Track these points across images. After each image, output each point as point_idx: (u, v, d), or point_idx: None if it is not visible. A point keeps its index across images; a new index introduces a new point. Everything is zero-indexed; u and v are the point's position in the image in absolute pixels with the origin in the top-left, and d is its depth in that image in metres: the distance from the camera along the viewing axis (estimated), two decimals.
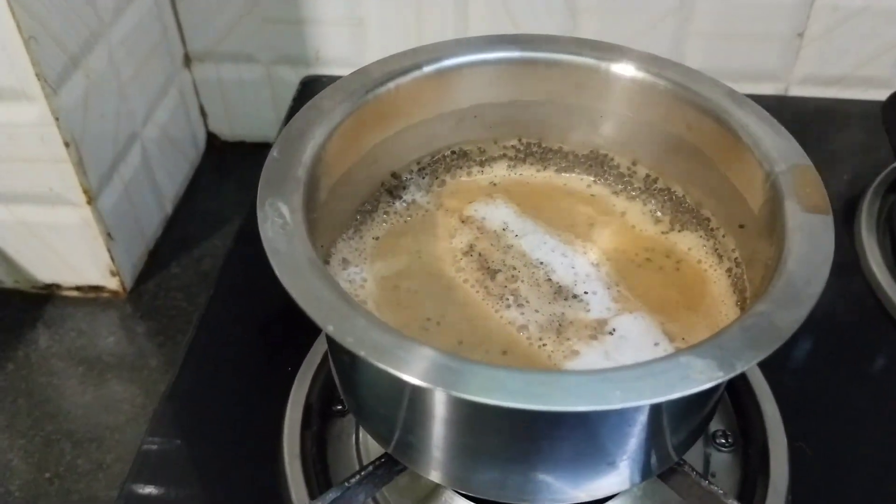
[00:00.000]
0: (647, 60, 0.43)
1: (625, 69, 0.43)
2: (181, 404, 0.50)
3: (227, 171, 0.82)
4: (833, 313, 0.54)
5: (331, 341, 0.36)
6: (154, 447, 0.48)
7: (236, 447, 0.47)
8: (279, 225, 0.33)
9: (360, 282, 0.41)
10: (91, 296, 0.69)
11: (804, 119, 0.70)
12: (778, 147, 0.38)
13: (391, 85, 0.42)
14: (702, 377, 0.28)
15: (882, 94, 0.68)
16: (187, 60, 0.78)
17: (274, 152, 0.37)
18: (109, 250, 0.66)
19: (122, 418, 0.62)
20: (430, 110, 0.44)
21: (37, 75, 0.55)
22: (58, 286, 0.69)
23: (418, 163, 0.46)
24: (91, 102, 0.61)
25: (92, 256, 0.66)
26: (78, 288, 0.69)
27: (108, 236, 0.66)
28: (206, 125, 0.83)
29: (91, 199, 0.63)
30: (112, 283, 0.69)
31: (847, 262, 0.58)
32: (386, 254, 0.43)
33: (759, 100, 0.72)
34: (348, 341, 0.29)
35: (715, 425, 0.47)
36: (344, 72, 0.75)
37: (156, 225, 0.74)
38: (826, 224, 0.34)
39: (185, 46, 0.77)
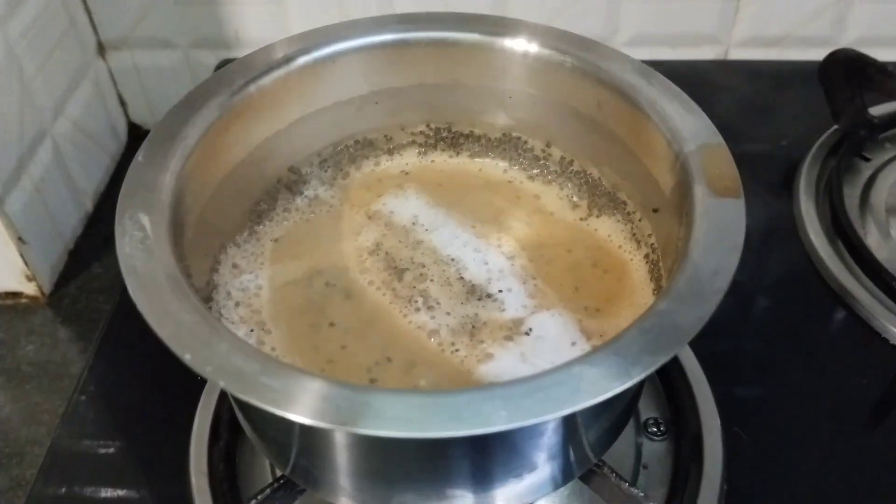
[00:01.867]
0: (549, 35, 0.40)
1: (525, 45, 0.40)
2: (87, 410, 0.47)
3: None
4: (770, 283, 0.52)
5: None
6: (61, 451, 0.46)
7: (142, 458, 0.45)
8: (138, 239, 0.30)
9: (254, 289, 0.38)
10: (9, 302, 0.66)
11: (743, 83, 0.67)
12: (688, 125, 0.35)
13: (276, 74, 0.38)
14: (594, 389, 0.26)
15: (822, 54, 0.65)
16: (101, 49, 0.74)
17: (139, 157, 0.34)
18: (22, 255, 0.62)
19: (42, 430, 0.59)
20: (324, 98, 0.40)
21: None
22: None
23: (319, 155, 0.43)
24: None
25: (5, 261, 0.63)
26: None
27: (20, 240, 0.62)
28: (126, 115, 0.79)
29: None
30: (29, 289, 0.65)
31: (785, 227, 0.56)
32: (285, 257, 0.40)
33: (698, 65, 0.71)
34: (207, 371, 0.27)
35: (647, 413, 0.45)
36: None
37: (75, 224, 0.70)
38: (737, 209, 0.32)
39: (97, 35, 0.73)
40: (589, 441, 0.35)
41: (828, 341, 0.49)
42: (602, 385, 0.26)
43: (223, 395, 0.45)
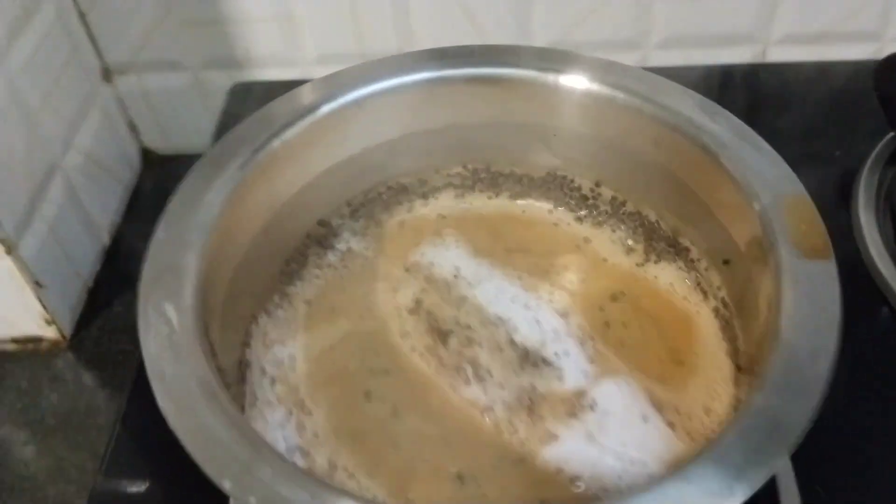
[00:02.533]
0: (601, 68, 0.36)
1: (576, 80, 0.36)
2: (113, 482, 0.44)
3: (167, 190, 0.75)
4: None
5: None
6: None
7: None
8: (164, 335, 0.27)
9: (289, 363, 0.35)
10: (30, 347, 0.64)
11: (786, 87, 0.63)
12: (762, 169, 0.32)
13: (301, 125, 0.35)
14: None
15: (868, 50, 0.61)
16: (107, 74, 0.71)
17: (159, 232, 0.30)
18: (40, 299, 0.60)
19: (71, 488, 0.56)
20: (352, 145, 0.37)
21: None
22: None
23: (349, 204, 0.40)
24: None
25: (23, 307, 0.60)
26: (14, 340, 0.63)
27: (37, 284, 0.59)
28: (138, 140, 0.76)
29: (10, 249, 0.56)
30: (49, 332, 0.63)
31: (844, 245, 0.52)
32: (319, 321, 0.37)
33: (736, 69, 0.67)
34: (251, 502, 0.23)
35: None
36: (281, 72, 0.69)
37: (92, 260, 0.68)
38: (829, 275, 0.28)
39: (101, 59, 0.70)
40: None
41: (892, 363, 0.45)
42: None
43: None
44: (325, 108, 0.35)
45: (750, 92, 0.63)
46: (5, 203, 0.56)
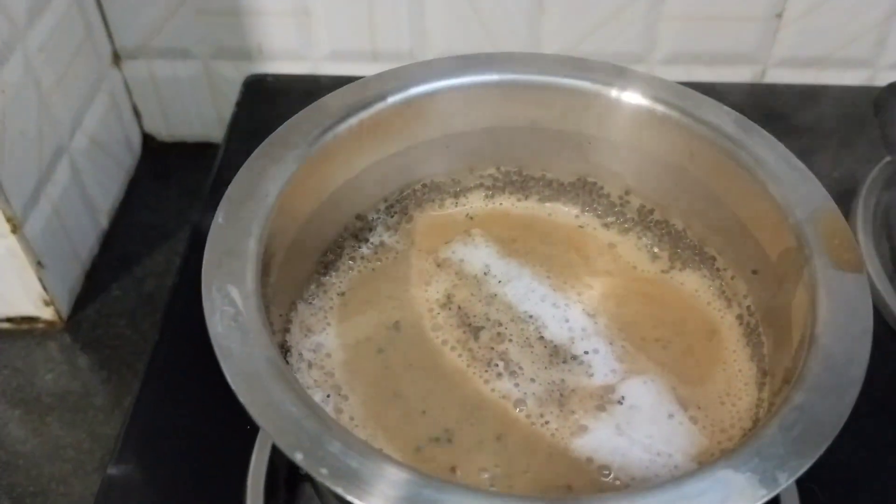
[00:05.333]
0: (641, 81, 0.38)
1: (616, 92, 0.38)
2: (130, 467, 0.45)
3: (166, 176, 0.76)
4: None
5: None
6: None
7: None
8: (230, 316, 0.28)
9: (325, 350, 0.36)
10: (25, 327, 0.63)
11: (784, 108, 0.66)
12: (796, 185, 0.34)
13: (353, 121, 0.36)
14: (743, 498, 0.24)
15: (862, 77, 0.64)
16: (116, 58, 0.71)
17: (219, 217, 0.31)
18: (41, 279, 0.60)
19: (67, 467, 0.56)
20: (397, 143, 0.38)
21: None
22: None
23: (385, 200, 0.41)
24: (9, 121, 0.54)
25: (22, 286, 0.60)
26: (9, 319, 0.63)
27: (39, 265, 0.59)
28: (140, 126, 0.76)
29: (16, 228, 0.56)
30: (46, 313, 0.62)
31: None
32: (353, 312, 0.38)
33: (736, 88, 0.69)
34: (322, 473, 0.24)
35: None
36: (291, 66, 0.70)
37: (91, 243, 0.68)
38: (860, 285, 0.30)
39: (112, 43, 0.70)
40: None
41: (891, 384, 0.48)
42: (749, 493, 0.24)
43: (278, 448, 0.43)
44: (377, 107, 0.36)
45: (749, 111, 0.65)
46: (16, 182, 0.56)
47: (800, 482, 0.41)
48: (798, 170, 0.34)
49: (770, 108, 0.67)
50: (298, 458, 0.25)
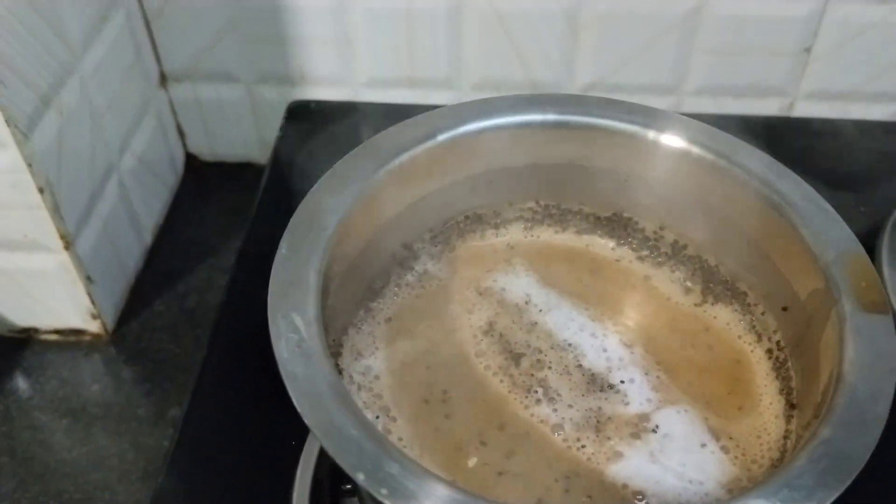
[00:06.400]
0: (679, 124, 0.40)
1: (659, 135, 0.40)
2: (176, 484, 0.47)
3: (208, 194, 0.78)
4: None
5: None
6: None
7: None
8: (294, 342, 0.30)
9: (374, 373, 0.38)
10: (72, 339, 0.66)
11: (813, 141, 0.67)
12: (825, 228, 0.35)
13: (404, 157, 0.38)
14: None
15: (890, 111, 0.65)
16: (163, 80, 0.73)
17: (283, 248, 0.33)
18: (90, 294, 0.62)
19: (112, 476, 0.58)
20: (444, 179, 0.40)
21: (6, 121, 0.51)
22: (36, 330, 0.65)
23: (430, 230, 0.43)
24: (65, 141, 0.57)
25: (71, 300, 0.62)
26: (57, 332, 0.65)
27: (88, 279, 0.62)
28: (184, 146, 0.78)
29: (69, 244, 0.59)
30: (93, 326, 0.65)
31: None
32: (399, 337, 0.40)
33: (765, 122, 0.71)
34: (383, 493, 0.26)
35: None
36: (331, 92, 0.72)
37: (136, 258, 0.70)
38: (887, 327, 0.32)
39: (160, 66, 0.73)
40: None
41: None
42: None
43: (322, 461, 0.45)
44: (426, 145, 0.38)
45: (777, 143, 0.67)
46: (70, 200, 0.58)
47: None
48: (827, 213, 0.36)
49: (798, 140, 0.69)
50: (360, 478, 0.27)
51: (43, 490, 0.56)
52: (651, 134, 0.40)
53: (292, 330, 0.30)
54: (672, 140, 0.40)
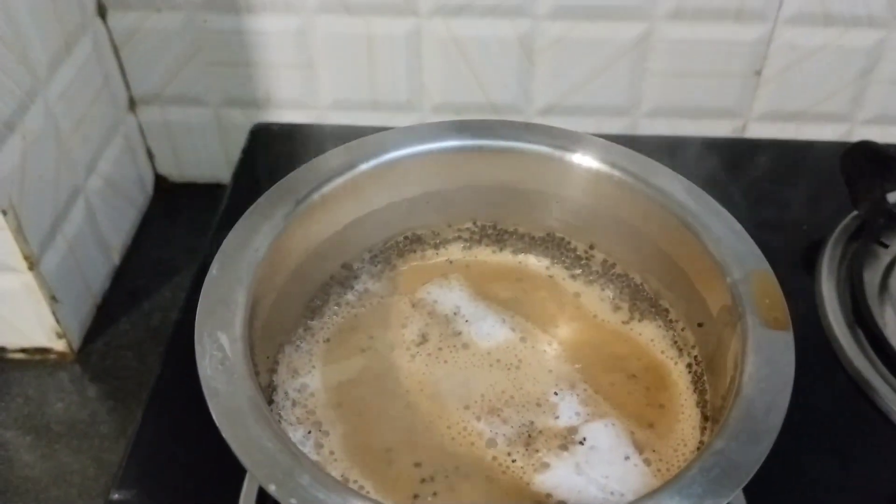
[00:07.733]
0: (602, 149, 0.41)
1: (579, 158, 0.42)
2: (131, 493, 0.48)
3: (177, 215, 0.80)
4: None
5: None
6: None
7: None
8: (218, 360, 0.32)
9: (309, 389, 0.40)
10: (37, 358, 0.67)
11: (762, 162, 0.69)
12: (735, 248, 0.37)
13: (337, 181, 0.40)
14: None
15: (840, 131, 0.67)
16: (132, 104, 0.75)
17: (213, 269, 0.35)
18: (55, 313, 0.63)
19: (73, 492, 0.59)
20: (379, 201, 0.42)
21: None
22: (2, 349, 0.66)
23: (370, 251, 0.44)
24: (29, 165, 0.58)
25: (37, 319, 0.64)
26: (24, 350, 0.66)
27: (53, 299, 0.63)
28: (153, 167, 0.80)
29: (33, 265, 0.60)
30: (59, 345, 0.66)
31: (807, 313, 0.57)
32: (337, 356, 0.41)
33: (717, 143, 0.72)
34: (291, 502, 0.28)
35: None
36: (297, 115, 0.74)
37: (103, 278, 0.71)
38: (786, 343, 0.33)
39: (129, 90, 0.74)
40: None
41: (848, 432, 0.50)
42: None
43: None
44: (362, 167, 0.40)
45: (730, 164, 0.69)
46: (33, 222, 0.59)
47: None
48: (738, 234, 0.38)
49: (750, 161, 0.71)
50: (272, 488, 0.28)
51: None
52: (573, 157, 0.42)
53: (217, 348, 0.32)
54: (592, 163, 0.41)
